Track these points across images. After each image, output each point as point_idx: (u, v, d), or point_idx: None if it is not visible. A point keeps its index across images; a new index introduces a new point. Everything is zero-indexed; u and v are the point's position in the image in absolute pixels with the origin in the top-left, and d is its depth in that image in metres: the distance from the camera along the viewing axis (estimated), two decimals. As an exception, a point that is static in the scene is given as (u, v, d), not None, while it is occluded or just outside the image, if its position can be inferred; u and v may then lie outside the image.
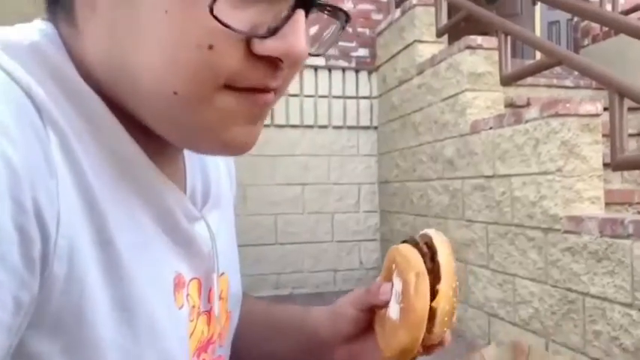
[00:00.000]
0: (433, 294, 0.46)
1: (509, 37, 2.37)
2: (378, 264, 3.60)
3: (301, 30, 0.35)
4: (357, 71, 3.60)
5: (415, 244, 0.49)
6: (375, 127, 3.62)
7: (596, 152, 1.89)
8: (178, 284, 0.42)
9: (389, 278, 0.51)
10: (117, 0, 0.34)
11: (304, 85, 3.47)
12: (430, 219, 2.79)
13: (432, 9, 2.95)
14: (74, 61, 0.36)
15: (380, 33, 3.52)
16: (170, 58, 0.33)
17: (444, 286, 0.46)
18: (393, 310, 0.49)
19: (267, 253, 3.41)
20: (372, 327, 0.53)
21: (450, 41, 2.86)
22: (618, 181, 2.33)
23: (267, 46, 0.34)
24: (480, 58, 2.48)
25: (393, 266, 0.50)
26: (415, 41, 3.00)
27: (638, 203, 2.12)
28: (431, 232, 0.49)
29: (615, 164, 1.81)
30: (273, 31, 0.34)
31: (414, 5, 3.02)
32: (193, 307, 0.44)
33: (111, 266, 0.35)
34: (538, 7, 5.09)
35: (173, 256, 0.42)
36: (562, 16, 4.63)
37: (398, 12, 3.24)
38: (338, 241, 3.55)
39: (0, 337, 0.29)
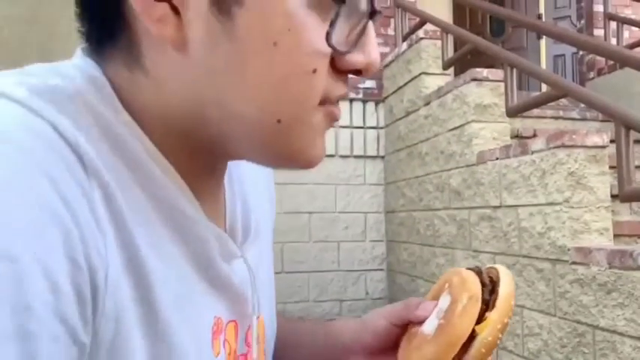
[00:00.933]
0: (480, 320, 0.43)
1: (514, 70, 2.41)
2: (384, 294, 3.56)
3: (375, 39, 0.37)
4: (364, 102, 3.64)
5: (478, 273, 0.46)
6: (382, 157, 3.64)
7: (603, 183, 1.89)
8: (217, 331, 0.41)
9: (435, 297, 0.48)
10: (216, 37, 0.33)
11: (312, 114, 3.51)
12: (437, 249, 2.78)
13: (439, 42, 3.01)
14: (127, 106, 0.35)
15: (387, 65, 3.57)
16: (279, 88, 0.34)
17: (495, 315, 0.43)
18: (429, 326, 0.46)
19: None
20: (397, 344, 0.50)
21: (456, 73, 2.91)
22: (627, 213, 2.32)
23: (350, 61, 0.36)
24: (486, 89, 2.52)
25: (446, 285, 0.47)
26: (422, 73, 3.04)
27: (646, 235, 2.11)
28: (500, 266, 0.47)
29: (623, 195, 1.81)
30: (354, 45, 0.35)
31: (421, 38, 3.07)
32: (229, 354, 0.43)
33: (150, 322, 0.34)
34: (543, 40, 5.18)
35: (212, 300, 0.41)
36: (567, 49, 4.69)
37: (404, 45, 3.30)
38: (344, 271, 3.53)
39: None
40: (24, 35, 2.58)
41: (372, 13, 0.36)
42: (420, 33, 3.11)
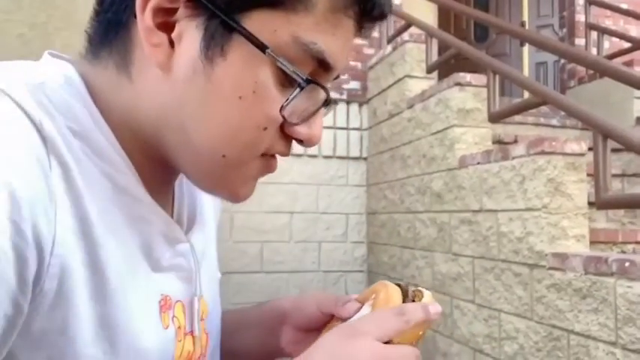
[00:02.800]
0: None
1: (497, 76, 2.43)
2: (363, 296, 3.57)
3: (321, 121, 0.45)
4: (348, 103, 3.65)
5: (405, 292, 0.48)
6: (365, 159, 3.65)
7: (581, 190, 1.92)
8: (164, 306, 0.45)
9: (362, 301, 0.51)
10: (196, 75, 0.39)
11: (296, 114, 3.51)
12: (417, 251, 2.79)
13: (423, 46, 3.03)
14: (100, 99, 0.42)
15: (371, 67, 3.58)
16: (232, 132, 0.41)
17: (408, 334, 0.44)
18: None
19: (252, 281, 3.38)
20: (321, 329, 0.54)
21: (440, 77, 2.93)
22: (603, 221, 2.36)
23: (297, 131, 0.43)
24: (469, 94, 2.54)
25: (373, 296, 0.50)
26: (405, 76, 3.06)
27: (622, 242, 2.14)
28: (426, 292, 0.49)
29: (599, 203, 1.84)
30: (304, 119, 0.43)
31: (405, 41, 3.09)
32: (179, 327, 0.47)
33: (99, 287, 0.38)
34: (526, 48, 5.25)
35: (159, 280, 0.45)
36: (549, 57, 4.76)
37: (389, 47, 3.31)
38: (324, 271, 3.53)
39: None
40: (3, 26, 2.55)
41: (327, 102, 0.43)
42: (405, 36, 3.12)
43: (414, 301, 0.48)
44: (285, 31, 0.39)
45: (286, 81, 0.40)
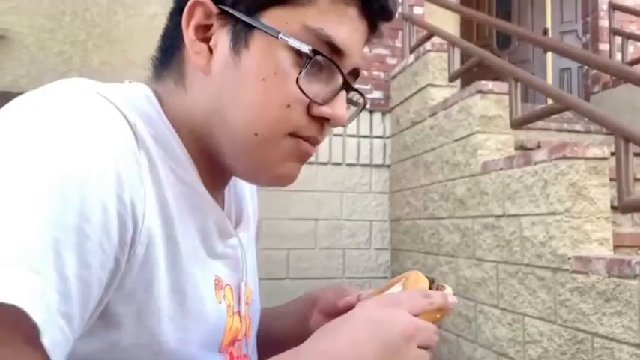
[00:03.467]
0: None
1: (519, 83, 2.47)
2: (388, 302, 3.60)
3: (344, 103, 0.51)
4: (371, 112, 3.71)
5: (431, 281, 0.56)
6: (388, 166, 3.71)
7: (603, 195, 1.94)
8: (218, 285, 0.53)
9: (393, 284, 0.58)
10: (228, 68, 0.49)
11: (320, 123, 3.58)
12: (441, 257, 2.83)
13: (445, 55, 3.08)
14: (167, 110, 0.51)
15: (394, 76, 3.65)
16: (260, 111, 0.48)
17: (430, 311, 0.51)
18: None
19: (278, 288, 3.45)
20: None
21: (463, 85, 2.97)
22: (629, 225, 2.36)
23: (321, 110, 0.50)
24: (491, 102, 2.58)
25: (403, 279, 0.57)
26: (428, 85, 3.11)
27: (647, 247, 2.15)
28: (448, 286, 0.56)
29: (622, 207, 1.86)
30: (326, 101, 0.50)
31: (428, 51, 3.14)
32: (229, 305, 0.54)
33: (173, 257, 0.47)
34: (549, 54, 5.24)
35: (213, 264, 0.53)
36: (573, 63, 4.75)
37: (412, 57, 3.37)
38: (348, 278, 3.58)
39: (97, 290, 0.39)
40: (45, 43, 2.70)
41: (346, 87, 0.51)
42: (428, 45, 3.18)
43: (437, 287, 0.55)
44: (295, 21, 0.47)
45: (301, 60, 0.48)
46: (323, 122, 0.51)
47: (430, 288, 0.55)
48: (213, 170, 0.54)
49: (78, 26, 2.73)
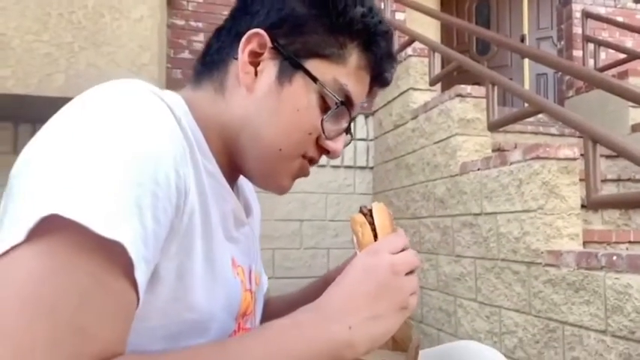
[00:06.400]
0: (375, 237, 0.63)
1: (496, 87, 2.59)
2: (371, 300, 3.68)
3: (343, 142, 0.67)
4: (355, 115, 3.80)
5: (360, 211, 0.66)
6: (371, 168, 3.80)
7: (574, 192, 2.06)
8: (233, 263, 0.62)
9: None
10: (270, 94, 0.61)
11: (305, 126, 3.67)
12: (422, 255, 2.93)
13: (426, 59, 3.19)
14: (198, 112, 0.60)
15: (377, 80, 3.74)
16: (289, 132, 0.61)
17: (377, 223, 0.63)
18: None
19: (264, 287, 3.51)
20: None
21: (443, 89, 3.08)
22: (599, 223, 2.49)
23: (328, 144, 0.64)
24: (470, 105, 2.69)
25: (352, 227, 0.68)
26: (410, 89, 3.22)
27: (615, 242, 2.27)
28: (373, 202, 0.67)
29: (590, 203, 1.98)
30: (332, 138, 0.64)
31: (409, 56, 3.25)
32: (242, 282, 0.64)
33: (206, 230, 0.56)
34: (527, 60, 5.40)
35: (228, 246, 0.62)
36: (549, 69, 4.92)
37: (394, 61, 3.47)
38: (333, 276, 3.65)
39: (157, 245, 0.47)
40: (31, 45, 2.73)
41: (347, 130, 0.66)
42: (409, 50, 3.29)
43: (370, 210, 0.65)
44: (329, 74, 0.61)
45: (325, 106, 0.62)
46: (323, 151, 0.65)
47: (364, 214, 0.65)
48: (230, 168, 0.64)
49: (64, 28, 2.75)
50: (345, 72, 0.62)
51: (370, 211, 0.65)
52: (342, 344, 0.51)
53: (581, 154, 2.06)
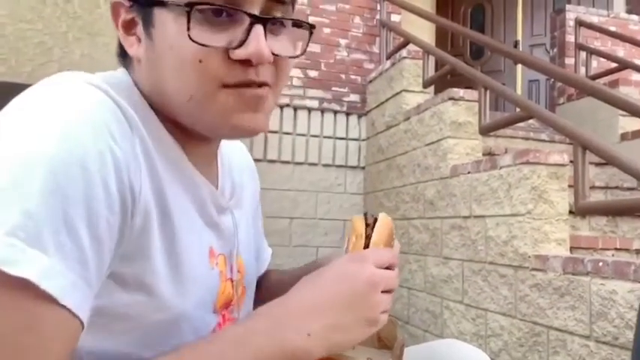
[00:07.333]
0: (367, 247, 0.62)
1: (488, 91, 2.60)
2: (359, 300, 3.69)
3: (259, 38, 0.51)
4: (347, 115, 3.81)
5: (365, 216, 0.65)
6: (362, 168, 3.81)
7: (562, 198, 2.08)
8: (211, 253, 0.60)
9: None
10: (148, 50, 0.54)
11: (297, 124, 3.67)
12: (410, 256, 2.94)
13: (420, 62, 3.20)
14: (141, 92, 0.56)
15: (371, 81, 3.76)
16: (179, 76, 0.52)
17: (374, 239, 0.61)
18: None
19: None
20: None
21: (436, 92, 3.09)
22: (586, 229, 2.52)
23: (237, 53, 0.51)
24: (462, 108, 2.70)
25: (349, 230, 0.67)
26: (403, 90, 3.23)
27: (602, 249, 2.30)
28: (381, 214, 0.65)
29: (578, 209, 2.00)
30: (240, 44, 0.51)
31: (403, 58, 3.26)
32: (221, 272, 0.61)
33: (167, 227, 0.53)
34: (520, 66, 5.44)
35: (207, 234, 0.60)
36: (541, 75, 4.96)
37: (388, 63, 3.49)
38: (321, 275, 3.66)
39: (108, 257, 0.46)
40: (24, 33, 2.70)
41: (257, 20, 0.51)
42: (403, 52, 3.30)
43: (367, 224, 0.64)
44: None
45: (187, 16, 0.50)
46: (249, 64, 0.52)
47: (366, 224, 0.63)
48: (194, 144, 0.58)
49: (59, 17, 2.73)
50: None
51: (374, 221, 0.63)
52: (298, 351, 0.51)
53: (571, 161, 2.09)
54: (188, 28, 0.49)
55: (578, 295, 1.75)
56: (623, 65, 3.92)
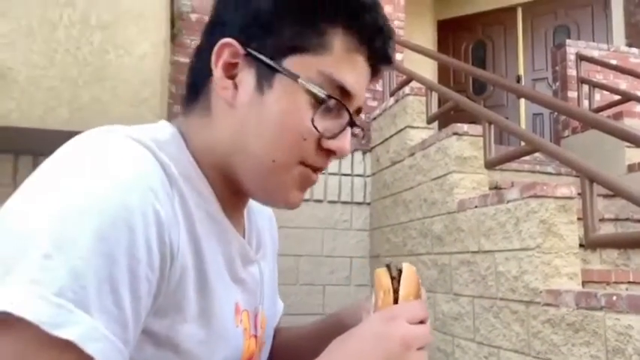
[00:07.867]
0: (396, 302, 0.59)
1: (492, 126, 2.62)
2: (368, 339, 3.61)
3: (349, 137, 0.59)
4: (352, 151, 3.83)
5: (388, 267, 0.63)
6: (368, 204, 3.80)
7: (572, 231, 2.05)
8: (237, 310, 0.60)
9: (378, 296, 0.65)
10: (253, 104, 0.55)
11: (303, 161, 3.68)
12: (420, 293, 2.89)
13: (423, 98, 3.23)
14: (191, 144, 0.57)
15: (375, 118, 3.79)
16: (277, 140, 0.55)
17: (402, 294, 0.59)
18: None
19: (259, 324, 3.44)
20: None
21: (440, 127, 3.11)
22: (597, 262, 2.47)
23: (330, 144, 0.57)
24: (466, 143, 2.71)
25: (375, 285, 0.64)
26: (407, 127, 3.25)
27: (615, 282, 2.25)
28: (404, 263, 0.63)
29: (588, 242, 1.97)
30: (334, 136, 0.57)
31: (407, 94, 3.30)
32: (245, 329, 0.61)
33: (202, 284, 0.53)
34: (522, 100, 5.49)
35: (234, 290, 0.60)
36: (545, 109, 4.99)
37: (392, 100, 3.53)
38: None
39: (144, 313, 0.46)
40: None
41: (351, 124, 0.58)
42: (407, 89, 3.33)
43: (392, 277, 0.61)
44: (312, 68, 0.55)
45: (316, 103, 0.54)
46: (329, 153, 0.57)
47: (391, 277, 0.61)
48: (232, 196, 0.60)
49: (70, 63, 2.81)
50: (331, 61, 0.55)
51: (399, 273, 0.61)
52: None
53: (579, 193, 2.07)
54: (315, 113, 0.54)
55: (592, 331, 1.71)
56: (626, 98, 3.94)
